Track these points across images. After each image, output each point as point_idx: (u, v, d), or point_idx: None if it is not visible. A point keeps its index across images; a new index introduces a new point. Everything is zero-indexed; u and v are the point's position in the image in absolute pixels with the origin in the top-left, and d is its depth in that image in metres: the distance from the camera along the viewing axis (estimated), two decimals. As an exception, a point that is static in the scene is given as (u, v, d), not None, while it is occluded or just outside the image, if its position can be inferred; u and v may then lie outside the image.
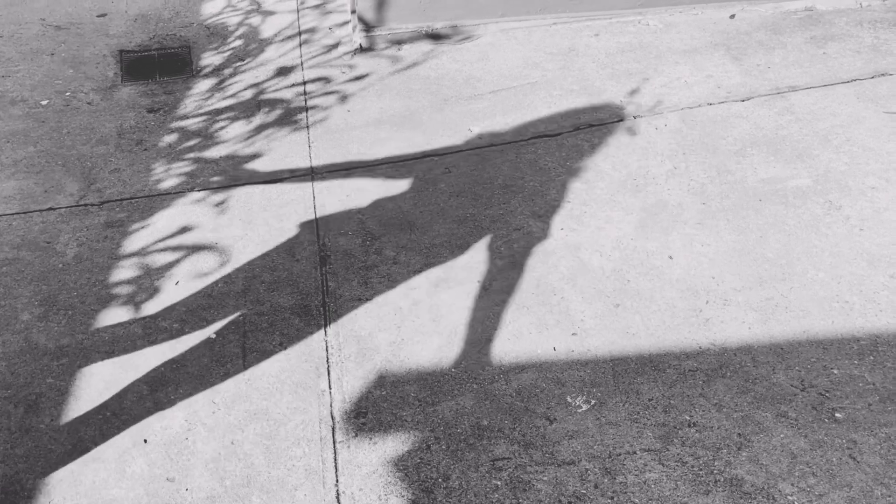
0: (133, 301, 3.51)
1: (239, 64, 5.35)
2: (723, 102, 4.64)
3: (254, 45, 5.58)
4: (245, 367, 3.20)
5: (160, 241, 3.84)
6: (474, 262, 3.65)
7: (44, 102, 4.90)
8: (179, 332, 3.35)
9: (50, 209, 4.05)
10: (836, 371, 3.08)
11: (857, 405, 2.95)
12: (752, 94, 4.70)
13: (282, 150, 4.46)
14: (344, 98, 4.92)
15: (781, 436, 2.86)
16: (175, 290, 3.56)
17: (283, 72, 5.24)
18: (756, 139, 4.31)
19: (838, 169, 4.06)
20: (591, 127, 4.50)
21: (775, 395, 3.01)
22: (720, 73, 4.93)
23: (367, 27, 5.34)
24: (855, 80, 4.75)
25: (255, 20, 5.90)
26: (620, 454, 2.83)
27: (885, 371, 3.06)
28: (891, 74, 4.77)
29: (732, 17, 5.59)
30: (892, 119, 4.38)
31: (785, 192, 3.95)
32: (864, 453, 2.79)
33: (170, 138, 4.59)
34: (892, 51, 5.00)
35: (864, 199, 3.87)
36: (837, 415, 2.92)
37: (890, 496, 2.65)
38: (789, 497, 2.66)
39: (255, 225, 3.91)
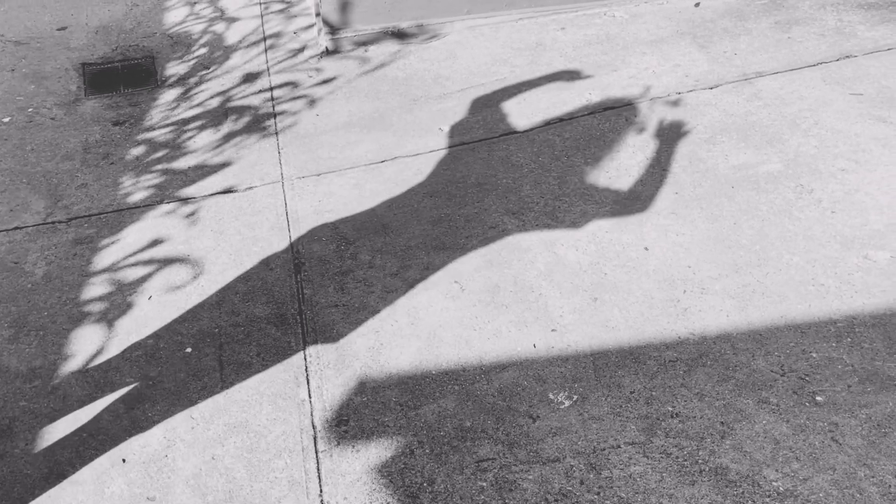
0: (106, 318, 3.45)
1: (204, 72, 5.28)
2: (691, 91, 4.65)
3: (219, 52, 5.51)
4: (222, 380, 3.15)
5: (131, 255, 3.78)
6: (450, 262, 3.63)
7: (6, 120, 4.80)
8: (154, 348, 3.30)
9: (16, 228, 3.97)
10: (814, 354, 3.09)
11: (836, 387, 2.96)
12: (719, 81, 4.72)
13: (251, 157, 4.40)
14: (312, 102, 4.87)
15: (764, 422, 2.86)
16: (148, 304, 3.51)
17: (250, 78, 5.18)
18: (726, 126, 4.33)
19: (808, 152, 4.08)
20: (560, 121, 4.50)
21: (756, 381, 3.01)
22: (687, 61, 4.94)
23: (333, 29, 5.29)
24: (821, 64, 4.78)
25: (219, 27, 5.83)
26: (605, 449, 2.83)
27: (863, 352, 3.08)
28: (855, 56, 4.80)
29: (697, 5, 5.60)
30: (858, 101, 4.41)
31: (756, 177, 3.96)
32: (846, 435, 2.80)
33: (137, 151, 4.52)
34: (855, 33, 5.04)
35: (834, 181, 3.89)
36: (818, 398, 2.93)
37: (873, 476, 2.66)
38: (774, 483, 2.67)
39: (227, 235, 3.86)
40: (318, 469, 2.82)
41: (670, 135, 4.30)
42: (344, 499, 2.72)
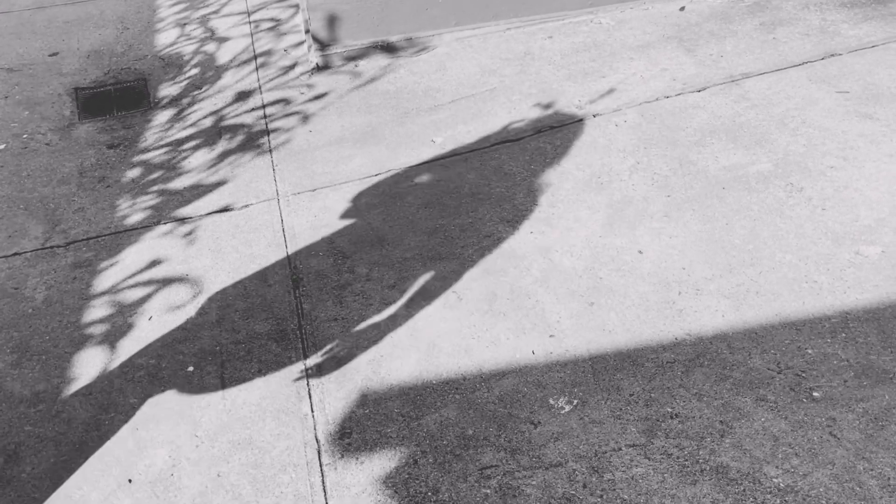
0: (107, 340, 3.48)
1: (197, 92, 5.33)
2: (679, 94, 4.70)
3: (210, 72, 5.56)
4: (225, 398, 3.17)
5: (130, 277, 3.81)
6: (447, 272, 3.66)
7: (1, 147, 4.84)
8: (156, 368, 3.32)
9: (15, 254, 4.00)
10: (810, 351, 3.13)
11: (833, 383, 3.00)
12: (707, 83, 4.77)
13: (246, 175, 4.44)
14: (305, 118, 4.91)
15: (762, 419, 2.89)
16: (149, 325, 3.53)
17: (242, 97, 5.23)
18: (715, 128, 4.38)
19: (797, 151, 4.13)
20: (552, 129, 4.54)
21: (753, 379, 3.04)
22: (675, 65, 4.99)
23: (323, 45, 5.34)
24: (806, 63, 4.83)
25: (210, 47, 5.88)
26: (606, 452, 2.85)
27: (858, 347, 3.12)
28: (840, 55, 4.86)
29: (682, 9, 5.66)
30: (844, 98, 4.46)
31: (747, 178, 4.01)
32: (844, 430, 2.83)
33: (132, 173, 4.56)
34: (839, 31, 5.10)
35: (823, 179, 3.93)
36: (815, 394, 2.97)
37: (872, 469, 2.69)
38: (774, 479, 2.70)
39: (224, 253, 3.89)
40: (324, 482, 2.84)
41: (660, 138, 4.34)
42: (350, 511, 2.75)
